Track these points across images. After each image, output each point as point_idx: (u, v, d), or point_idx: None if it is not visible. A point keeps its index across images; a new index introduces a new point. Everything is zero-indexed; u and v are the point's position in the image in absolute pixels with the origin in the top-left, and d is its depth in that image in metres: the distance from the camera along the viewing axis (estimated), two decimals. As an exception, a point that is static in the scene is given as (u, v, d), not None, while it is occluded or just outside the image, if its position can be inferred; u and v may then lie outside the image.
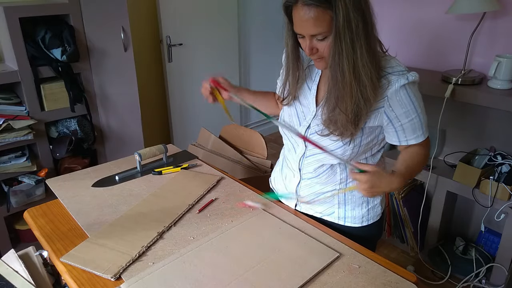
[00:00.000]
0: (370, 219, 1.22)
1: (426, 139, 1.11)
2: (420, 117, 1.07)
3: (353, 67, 0.94)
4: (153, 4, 2.89)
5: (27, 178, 2.04)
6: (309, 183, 1.19)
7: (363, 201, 1.20)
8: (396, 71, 1.03)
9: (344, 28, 0.91)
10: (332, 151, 1.08)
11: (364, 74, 0.95)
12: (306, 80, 1.16)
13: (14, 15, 1.83)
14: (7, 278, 1.03)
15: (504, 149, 1.96)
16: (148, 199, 1.30)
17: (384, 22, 2.31)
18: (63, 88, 2.04)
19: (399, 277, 0.96)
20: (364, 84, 0.96)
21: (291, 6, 0.97)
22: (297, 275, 0.96)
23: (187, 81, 3.15)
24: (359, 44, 0.93)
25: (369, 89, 0.97)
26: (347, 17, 0.90)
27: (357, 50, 0.93)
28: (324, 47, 0.97)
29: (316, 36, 0.96)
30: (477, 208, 2.14)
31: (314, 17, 0.92)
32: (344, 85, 0.96)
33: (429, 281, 2.11)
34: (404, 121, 1.05)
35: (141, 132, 2.46)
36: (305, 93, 1.15)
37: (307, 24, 0.93)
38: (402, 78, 1.01)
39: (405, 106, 1.04)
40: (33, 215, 1.26)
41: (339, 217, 1.21)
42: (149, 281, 0.95)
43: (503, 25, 1.89)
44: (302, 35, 0.98)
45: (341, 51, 0.93)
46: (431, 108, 2.12)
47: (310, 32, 0.95)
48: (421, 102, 1.07)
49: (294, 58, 1.08)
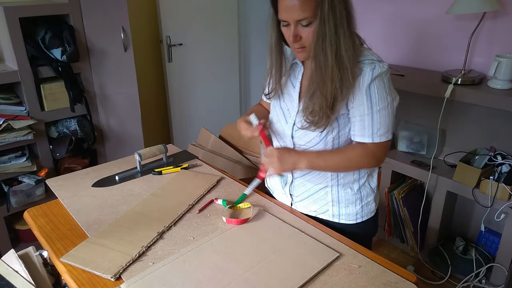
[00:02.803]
0: (364, 215, 1.24)
1: (374, 144, 1.09)
2: (373, 117, 1.06)
3: (335, 51, 0.98)
4: (153, 4, 2.89)
5: (27, 178, 2.04)
6: (301, 181, 1.23)
7: (356, 198, 1.22)
8: (368, 60, 1.04)
9: (329, 14, 0.95)
10: (315, 146, 1.13)
11: (346, 58, 0.99)
12: (290, 77, 1.18)
13: (14, 15, 1.84)
14: (7, 278, 1.03)
15: (504, 149, 1.96)
16: (148, 199, 1.30)
17: (384, 22, 2.31)
18: (63, 88, 2.04)
19: (399, 277, 0.96)
20: (346, 69, 1.00)
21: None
22: (297, 275, 0.96)
23: (187, 81, 3.15)
24: (342, 30, 0.97)
25: (350, 74, 1.00)
26: (331, 3, 0.95)
27: (340, 35, 0.97)
28: (308, 34, 1.00)
29: (301, 21, 0.98)
30: (477, 208, 2.14)
31: (301, 2, 0.95)
32: (326, 68, 1.00)
33: (429, 281, 2.11)
34: (357, 113, 1.07)
35: (141, 132, 2.46)
36: (289, 91, 1.18)
37: (293, 9, 0.97)
38: (370, 69, 1.02)
39: (361, 99, 1.05)
40: (33, 215, 1.26)
41: (333, 214, 1.23)
42: (149, 281, 0.95)
43: (503, 25, 1.89)
44: (287, 22, 1.00)
45: (325, 36, 0.97)
46: (431, 108, 2.13)
47: (296, 17, 0.98)
48: (383, 102, 1.05)
49: (278, 51, 1.11)
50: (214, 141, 2.37)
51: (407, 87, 2.04)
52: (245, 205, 1.25)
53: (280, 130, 1.22)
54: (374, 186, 1.26)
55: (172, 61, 2.99)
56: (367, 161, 1.11)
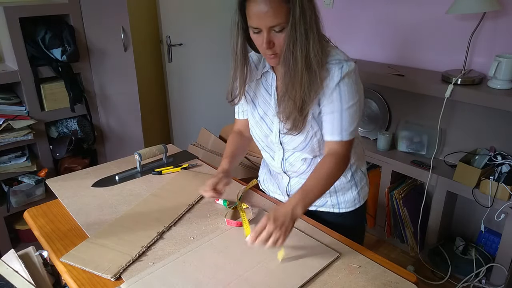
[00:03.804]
0: (361, 199, 1.26)
1: (345, 143, 1.08)
2: (343, 115, 1.06)
3: (305, 56, 0.98)
4: (153, 4, 2.89)
5: (27, 178, 2.04)
6: (298, 180, 1.23)
7: (351, 185, 1.24)
8: (335, 60, 1.04)
9: (300, 19, 0.95)
10: (303, 150, 1.14)
11: (315, 62, 0.99)
12: (263, 86, 1.18)
13: (14, 15, 1.84)
14: (7, 278, 1.03)
15: (504, 149, 1.96)
16: (148, 199, 1.30)
17: (384, 22, 2.31)
18: (63, 88, 2.04)
19: (399, 277, 0.96)
20: (315, 72, 1.00)
21: (245, 1, 1.00)
22: (297, 275, 0.96)
23: (187, 81, 3.14)
24: (312, 34, 0.98)
25: (318, 77, 1.01)
26: (302, 8, 0.95)
27: (310, 40, 0.98)
28: (280, 39, 1.00)
29: (274, 28, 0.98)
30: (477, 208, 2.14)
31: (273, 8, 0.95)
32: (295, 72, 1.00)
33: (429, 281, 2.11)
34: (327, 111, 1.07)
35: (141, 132, 2.46)
36: (266, 100, 1.17)
37: (266, 15, 0.96)
38: (337, 69, 1.03)
39: (331, 98, 1.05)
40: (33, 215, 1.26)
41: (332, 205, 1.25)
42: (149, 281, 0.95)
43: (503, 25, 1.89)
44: (259, 29, 0.99)
45: (296, 40, 0.97)
46: (431, 108, 2.13)
47: (269, 23, 0.97)
48: (352, 100, 1.05)
49: (243, 56, 1.11)
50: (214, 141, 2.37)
51: (407, 87, 2.04)
52: (244, 206, 1.25)
53: (267, 141, 1.21)
54: (364, 169, 1.29)
55: (172, 61, 2.99)
56: (342, 167, 1.09)
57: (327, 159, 1.08)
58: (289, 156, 1.19)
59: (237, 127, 1.38)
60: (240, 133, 1.36)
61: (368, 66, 2.32)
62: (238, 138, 1.35)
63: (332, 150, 1.09)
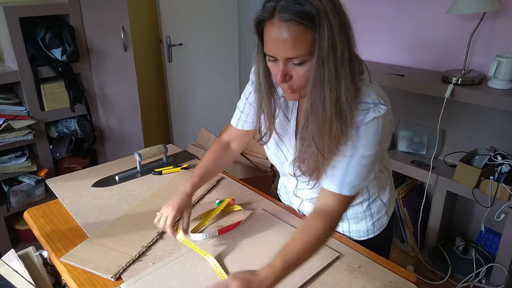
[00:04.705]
0: (376, 230, 1.14)
1: (340, 199, 0.89)
2: (350, 164, 0.88)
3: (336, 100, 0.80)
4: (153, 4, 2.89)
5: (27, 178, 2.04)
6: (308, 204, 1.16)
7: (366, 215, 1.11)
8: (362, 103, 0.87)
9: (328, 53, 0.77)
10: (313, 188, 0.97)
11: (347, 108, 0.82)
12: (282, 109, 1.00)
13: (14, 15, 1.83)
14: (7, 278, 1.03)
15: (504, 149, 1.96)
16: (148, 199, 1.30)
17: (384, 22, 2.31)
18: (63, 88, 2.04)
19: (399, 277, 0.96)
20: (346, 121, 0.83)
21: (264, 22, 0.82)
22: (297, 275, 0.96)
23: (187, 81, 3.14)
24: (343, 73, 0.80)
25: (349, 126, 0.84)
26: (332, 39, 0.77)
27: (342, 80, 0.80)
28: (300, 74, 0.82)
29: (293, 60, 0.81)
30: (477, 208, 2.14)
31: (293, 37, 0.77)
32: (324, 120, 0.82)
33: (429, 281, 2.11)
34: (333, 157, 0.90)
35: (141, 132, 2.46)
36: (284, 126, 1.02)
37: (284, 44, 0.78)
38: (362, 114, 0.86)
39: (344, 143, 0.88)
40: (33, 215, 1.26)
41: (343, 230, 1.15)
42: (149, 281, 0.95)
43: (503, 25, 1.88)
44: (275, 58, 0.82)
45: (323, 79, 0.79)
46: (431, 108, 2.13)
47: (287, 54, 0.80)
48: (368, 150, 0.87)
49: (268, 87, 0.92)
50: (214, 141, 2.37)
51: (407, 87, 2.04)
52: (237, 208, 1.25)
53: (281, 167, 1.09)
54: (386, 199, 1.13)
55: (172, 61, 2.99)
56: (329, 233, 0.90)
57: (315, 222, 0.88)
58: (301, 188, 1.09)
59: (226, 136, 1.20)
60: (227, 146, 1.19)
61: (368, 66, 2.31)
62: (222, 152, 1.18)
63: (324, 206, 0.91)
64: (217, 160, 1.17)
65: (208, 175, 1.15)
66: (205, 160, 1.15)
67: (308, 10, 0.76)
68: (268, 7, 0.81)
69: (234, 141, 1.19)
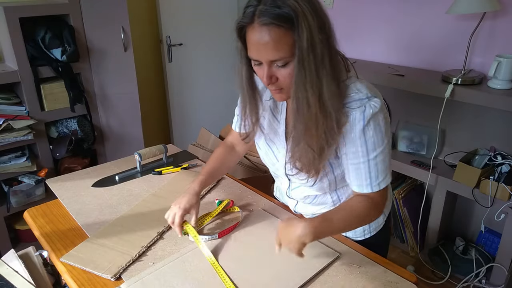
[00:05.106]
0: (372, 230, 1.15)
1: (376, 193, 0.95)
2: (370, 164, 0.92)
3: (318, 97, 0.83)
4: (153, 4, 2.89)
5: (27, 178, 2.04)
6: (303, 205, 1.16)
7: None
8: (355, 101, 0.89)
9: (308, 53, 0.79)
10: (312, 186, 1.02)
11: (330, 105, 0.85)
12: (271, 111, 1.04)
13: (14, 15, 1.83)
14: (7, 278, 1.03)
15: (504, 149, 1.96)
16: (148, 199, 1.30)
17: (384, 22, 2.31)
18: (63, 88, 2.04)
19: (399, 277, 0.96)
20: (331, 116, 0.86)
21: (245, 27, 0.85)
22: (297, 275, 0.96)
23: (187, 81, 3.14)
24: (324, 72, 0.82)
25: (335, 122, 0.87)
26: (311, 40, 0.79)
27: (323, 78, 0.82)
28: (285, 75, 0.85)
29: (276, 62, 0.84)
30: (477, 208, 2.14)
31: (274, 40, 0.80)
32: (309, 117, 0.86)
33: (429, 281, 2.11)
34: (351, 161, 0.94)
35: (141, 132, 2.46)
36: (274, 127, 1.05)
37: (266, 48, 0.81)
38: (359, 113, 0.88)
39: (355, 146, 0.91)
40: (33, 215, 1.26)
41: None
42: (149, 281, 0.95)
43: (503, 25, 1.89)
44: (259, 62, 0.86)
45: (305, 78, 0.82)
46: (431, 108, 2.13)
47: (270, 57, 0.83)
48: (380, 146, 0.91)
49: (251, 90, 0.96)
50: (214, 141, 2.37)
51: (407, 87, 2.04)
52: (236, 209, 1.25)
53: (273, 168, 1.12)
54: None
55: (172, 61, 2.99)
56: (374, 213, 0.97)
57: (362, 198, 0.95)
58: (296, 187, 1.10)
59: (230, 139, 1.25)
60: (232, 148, 1.24)
61: (368, 66, 2.32)
62: (227, 153, 1.22)
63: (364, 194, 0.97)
64: (223, 161, 1.21)
65: (215, 174, 1.20)
66: (212, 160, 1.20)
67: (286, 12, 0.79)
68: (248, 12, 0.83)
69: (237, 143, 1.24)
